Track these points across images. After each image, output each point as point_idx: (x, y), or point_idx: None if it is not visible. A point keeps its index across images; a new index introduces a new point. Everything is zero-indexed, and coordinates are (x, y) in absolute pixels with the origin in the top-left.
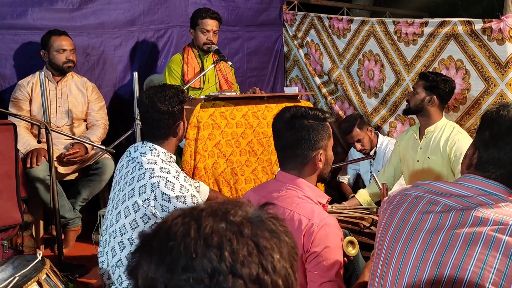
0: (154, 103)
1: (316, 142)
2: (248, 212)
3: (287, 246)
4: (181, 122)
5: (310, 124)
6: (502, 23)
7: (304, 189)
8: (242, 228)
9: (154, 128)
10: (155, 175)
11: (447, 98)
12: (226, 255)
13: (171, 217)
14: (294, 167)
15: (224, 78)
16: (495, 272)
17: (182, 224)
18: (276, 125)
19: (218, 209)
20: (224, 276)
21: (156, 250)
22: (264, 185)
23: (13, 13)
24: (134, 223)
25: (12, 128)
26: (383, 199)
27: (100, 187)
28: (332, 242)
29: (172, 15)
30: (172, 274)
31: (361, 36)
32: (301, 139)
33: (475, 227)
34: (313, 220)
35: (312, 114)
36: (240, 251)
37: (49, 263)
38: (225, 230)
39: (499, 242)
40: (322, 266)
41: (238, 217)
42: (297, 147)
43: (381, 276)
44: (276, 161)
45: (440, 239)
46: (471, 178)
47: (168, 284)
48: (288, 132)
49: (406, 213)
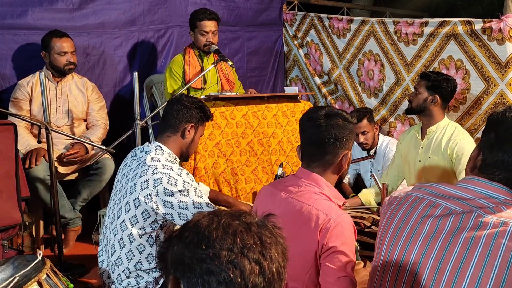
0: (181, 100)
1: (346, 142)
2: (255, 218)
3: (281, 247)
4: (192, 126)
5: (343, 124)
6: (502, 23)
7: (323, 187)
8: (250, 226)
9: (169, 117)
10: (158, 171)
11: (449, 98)
12: (238, 241)
13: (197, 217)
14: (320, 165)
15: (225, 78)
16: (494, 277)
17: (207, 219)
18: (306, 122)
19: (234, 213)
20: (235, 254)
21: (185, 236)
22: (283, 180)
23: (13, 13)
24: (134, 219)
25: (12, 128)
26: (383, 199)
27: (100, 187)
28: (348, 238)
29: (172, 15)
30: (196, 249)
31: (361, 36)
32: (335, 137)
33: (474, 231)
34: (331, 215)
35: (344, 115)
36: (248, 240)
37: (49, 263)
38: (238, 225)
39: (498, 246)
40: (339, 261)
41: (248, 219)
42: (328, 145)
43: (380, 278)
44: (276, 161)
45: (439, 244)
46: (474, 180)
47: (193, 257)
48: (319, 129)
49: (406, 215)
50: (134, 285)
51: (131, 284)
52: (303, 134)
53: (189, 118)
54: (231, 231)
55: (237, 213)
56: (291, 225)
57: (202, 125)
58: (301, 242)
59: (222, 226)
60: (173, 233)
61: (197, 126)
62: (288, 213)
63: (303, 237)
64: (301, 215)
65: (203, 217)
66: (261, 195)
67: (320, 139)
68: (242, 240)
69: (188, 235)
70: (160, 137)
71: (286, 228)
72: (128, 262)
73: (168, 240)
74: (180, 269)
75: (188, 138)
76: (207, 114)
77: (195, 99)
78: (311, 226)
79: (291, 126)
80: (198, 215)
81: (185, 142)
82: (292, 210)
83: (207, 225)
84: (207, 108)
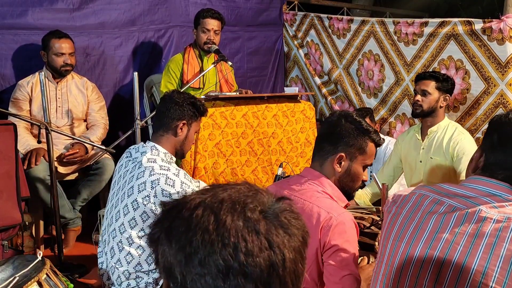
0: (172, 97)
1: (348, 146)
2: (265, 204)
3: (298, 239)
4: (185, 123)
5: (351, 127)
6: (502, 23)
7: (326, 187)
8: (258, 226)
9: (161, 116)
10: (155, 172)
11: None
12: (241, 256)
13: (191, 202)
14: (317, 160)
15: (224, 79)
16: (498, 271)
17: (202, 217)
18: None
19: (237, 202)
20: (235, 276)
21: (176, 237)
22: (287, 179)
23: (13, 13)
24: (133, 221)
25: (12, 128)
26: (383, 199)
27: (100, 187)
28: (350, 236)
29: (172, 15)
30: (188, 265)
31: (361, 36)
32: (336, 134)
33: (479, 227)
34: (332, 213)
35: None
36: (253, 250)
37: (49, 263)
38: (242, 229)
39: (503, 240)
40: (342, 259)
41: (256, 213)
42: (327, 140)
43: (384, 274)
44: (276, 161)
45: (444, 239)
46: (476, 179)
47: (184, 274)
48: (331, 126)
49: (411, 212)
50: (134, 286)
51: (131, 285)
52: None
53: (181, 115)
54: (232, 242)
55: (242, 204)
56: None
57: (196, 121)
58: None
59: (221, 234)
60: (162, 215)
61: (190, 123)
62: None
63: None
64: (303, 213)
65: (196, 207)
66: None
67: (327, 135)
68: (246, 255)
69: (179, 238)
70: (154, 137)
71: None
72: (128, 264)
73: (157, 226)
74: (173, 281)
75: (181, 136)
76: (200, 109)
77: (187, 95)
78: (312, 223)
79: (291, 126)
80: (190, 201)
81: (179, 140)
82: None
83: (201, 230)
84: (199, 103)
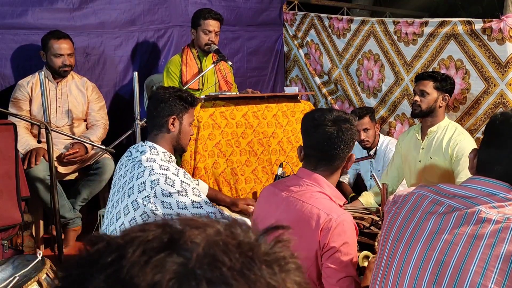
0: (157, 94)
1: (352, 145)
2: (254, 251)
3: None
4: (175, 118)
5: (350, 127)
6: (502, 23)
7: (324, 187)
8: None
9: (151, 117)
10: (155, 172)
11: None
12: None
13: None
14: (328, 169)
15: (223, 79)
16: (497, 272)
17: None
18: (312, 127)
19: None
20: None
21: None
22: (284, 180)
23: (13, 13)
24: (133, 221)
25: (12, 128)
26: (383, 199)
27: (100, 187)
28: (349, 238)
29: (172, 15)
30: None
31: (361, 36)
32: (344, 143)
33: (478, 228)
34: (332, 215)
35: (350, 119)
36: None
37: (49, 263)
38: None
39: (502, 240)
40: (341, 261)
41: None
42: (338, 151)
43: (383, 275)
44: (276, 161)
45: (443, 239)
46: (475, 179)
47: None
48: (330, 137)
49: (410, 212)
50: None
51: None
52: (308, 138)
53: (169, 111)
54: None
55: (218, 259)
56: (292, 224)
57: (187, 113)
58: (301, 242)
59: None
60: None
61: (181, 116)
62: (289, 212)
63: (304, 237)
64: (302, 215)
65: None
66: (263, 195)
67: (330, 147)
68: None
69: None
70: (150, 137)
71: None
72: None
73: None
74: None
75: (175, 131)
76: (188, 100)
77: (172, 89)
78: (312, 225)
79: (291, 126)
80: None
81: (173, 135)
82: (293, 210)
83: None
84: (186, 94)
